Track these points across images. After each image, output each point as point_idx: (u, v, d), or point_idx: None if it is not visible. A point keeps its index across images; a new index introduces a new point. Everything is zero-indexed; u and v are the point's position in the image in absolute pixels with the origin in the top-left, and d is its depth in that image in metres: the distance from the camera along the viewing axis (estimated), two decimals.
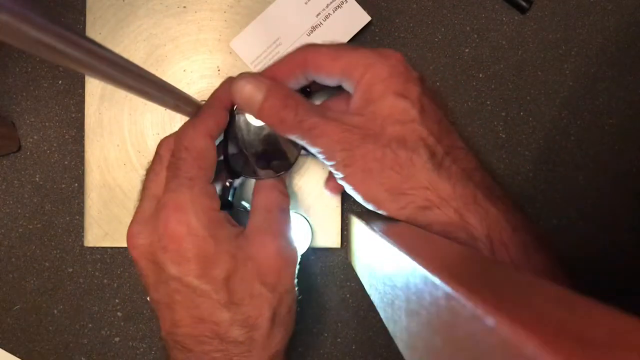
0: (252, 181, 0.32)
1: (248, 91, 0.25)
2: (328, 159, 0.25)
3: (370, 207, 0.25)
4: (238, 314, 0.24)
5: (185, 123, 0.26)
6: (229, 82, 0.27)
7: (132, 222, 0.25)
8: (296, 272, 0.27)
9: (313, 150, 0.26)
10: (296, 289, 0.27)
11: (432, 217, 0.23)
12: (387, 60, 0.25)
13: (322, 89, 0.30)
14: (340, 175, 0.25)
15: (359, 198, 0.25)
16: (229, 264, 0.24)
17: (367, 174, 0.24)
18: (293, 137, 0.26)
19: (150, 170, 0.26)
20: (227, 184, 0.30)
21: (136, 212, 0.25)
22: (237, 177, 0.30)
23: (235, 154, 0.29)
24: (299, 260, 0.27)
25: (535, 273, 0.23)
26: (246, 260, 0.24)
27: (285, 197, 0.29)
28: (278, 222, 0.27)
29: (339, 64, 0.25)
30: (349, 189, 0.25)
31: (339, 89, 0.28)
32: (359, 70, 0.25)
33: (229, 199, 0.30)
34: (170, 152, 0.25)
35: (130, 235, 0.25)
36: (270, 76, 0.26)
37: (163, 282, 0.24)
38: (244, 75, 0.26)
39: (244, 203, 0.32)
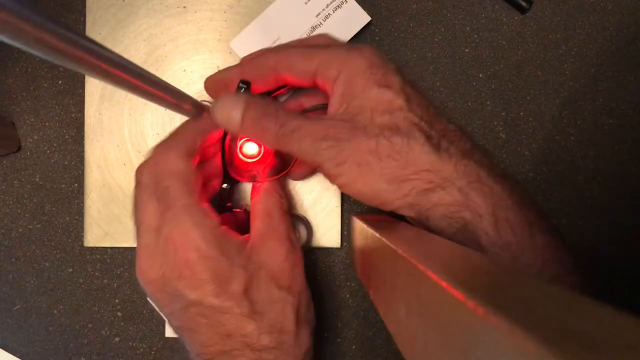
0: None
1: (226, 110, 0.25)
2: (317, 162, 0.24)
3: (372, 203, 0.24)
4: (264, 322, 0.24)
5: (160, 146, 0.26)
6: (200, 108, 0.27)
7: (138, 258, 0.25)
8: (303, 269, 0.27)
9: (301, 156, 0.25)
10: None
11: (436, 199, 0.23)
12: (361, 53, 0.24)
13: (291, 90, 0.30)
14: (336, 176, 0.24)
15: (359, 196, 0.25)
16: (243, 276, 0.24)
17: (364, 167, 0.23)
18: (278, 146, 0.25)
19: (138, 203, 0.25)
20: (224, 186, 0.30)
21: (139, 249, 0.25)
22: (236, 182, 0.30)
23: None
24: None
25: (539, 252, 0.22)
26: (258, 269, 0.25)
27: (284, 199, 0.29)
28: (280, 225, 0.27)
29: (313, 63, 0.25)
30: (348, 190, 0.25)
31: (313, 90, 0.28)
32: (335, 67, 0.24)
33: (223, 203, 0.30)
34: (152, 178, 0.25)
35: (140, 272, 0.25)
36: (241, 77, 0.26)
37: (183, 308, 0.24)
38: (220, 97, 0.26)
39: (242, 204, 0.32)
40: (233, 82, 0.27)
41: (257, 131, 0.25)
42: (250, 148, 0.29)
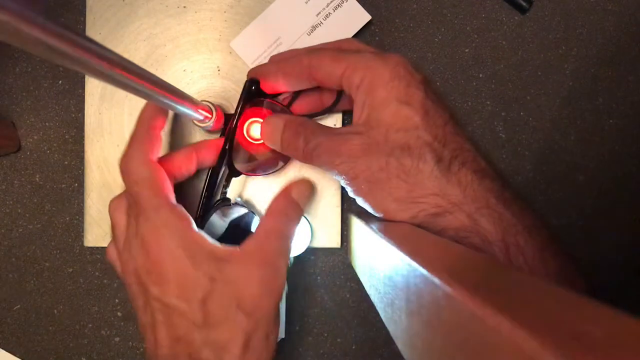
0: (253, 183, 0.32)
1: (270, 133, 0.28)
2: (334, 173, 0.25)
3: (383, 217, 0.25)
4: (211, 336, 0.24)
5: (123, 157, 0.27)
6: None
7: (120, 252, 0.27)
8: (280, 303, 0.27)
9: (323, 170, 0.26)
10: (280, 318, 0.27)
11: (445, 223, 0.23)
12: (387, 63, 0.24)
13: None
14: (350, 189, 0.25)
15: (369, 209, 0.25)
16: (206, 285, 0.24)
17: (374, 184, 0.24)
18: (305, 162, 0.27)
19: (115, 205, 0.27)
20: (205, 196, 0.30)
21: (123, 245, 0.27)
22: (238, 175, 0.30)
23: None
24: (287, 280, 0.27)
25: (552, 278, 0.22)
26: (226, 283, 0.24)
27: (292, 224, 0.28)
28: (271, 250, 0.26)
29: (340, 67, 0.25)
30: (362, 202, 0.25)
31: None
32: (359, 73, 0.25)
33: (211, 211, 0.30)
34: (125, 186, 0.26)
35: (119, 262, 0.27)
36: (278, 73, 0.27)
37: (146, 302, 0.25)
38: (267, 119, 0.28)
39: (238, 199, 0.32)
40: (272, 75, 0.28)
41: (291, 151, 0.27)
42: (256, 130, 0.30)
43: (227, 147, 0.30)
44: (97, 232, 0.33)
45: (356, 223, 0.27)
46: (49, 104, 0.35)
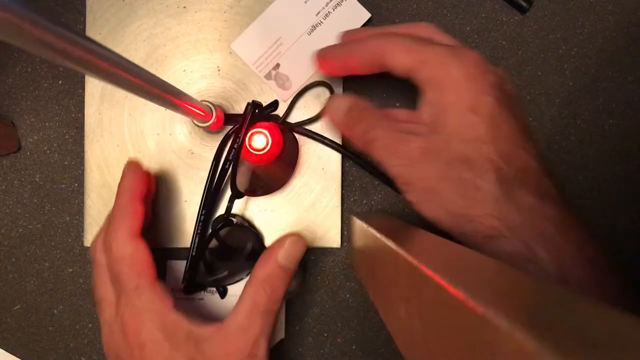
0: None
1: (336, 106, 0.27)
2: (388, 172, 0.24)
3: (433, 225, 0.24)
4: None
5: (106, 227, 0.26)
6: (131, 169, 0.28)
7: (102, 332, 0.27)
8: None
9: (377, 163, 0.25)
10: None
11: (497, 247, 0.22)
12: (461, 61, 0.23)
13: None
14: (403, 192, 0.24)
15: (422, 216, 0.24)
16: None
17: (428, 193, 0.23)
18: (360, 148, 0.26)
19: (97, 281, 0.27)
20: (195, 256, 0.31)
21: (102, 324, 0.27)
22: (241, 196, 0.31)
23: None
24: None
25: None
26: None
27: (279, 294, 0.27)
28: (252, 330, 0.25)
29: (411, 57, 0.24)
30: (414, 207, 0.24)
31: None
32: (430, 67, 0.23)
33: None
34: (106, 261, 0.26)
35: (104, 343, 0.27)
36: (346, 56, 0.27)
37: None
38: (336, 96, 0.28)
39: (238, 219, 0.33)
40: (335, 61, 0.28)
41: (349, 134, 0.26)
42: (258, 142, 0.30)
43: (227, 167, 0.31)
44: (97, 232, 0.33)
45: (356, 223, 0.27)
46: (49, 104, 0.35)
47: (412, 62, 0.24)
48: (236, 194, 0.31)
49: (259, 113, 0.30)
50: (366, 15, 0.32)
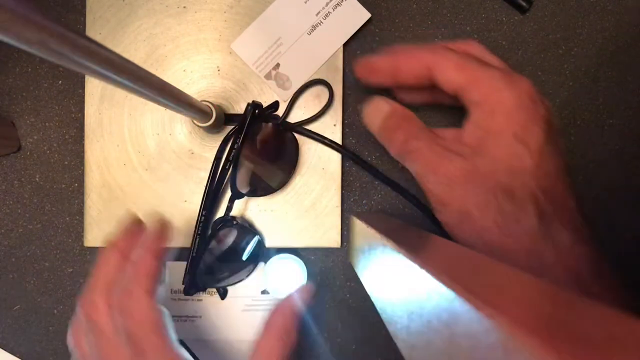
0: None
1: (372, 113, 0.26)
2: (422, 187, 0.24)
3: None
4: None
5: (124, 292, 0.25)
6: (159, 227, 0.27)
7: None
8: None
9: (413, 175, 0.25)
10: None
11: None
12: (514, 88, 0.22)
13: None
14: (436, 211, 0.24)
15: (453, 237, 0.23)
16: None
17: (464, 217, 0.22)
18: (396, 158, 0.26)
19: (105, 345, 0.25)
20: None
21: None
22: (241, 197, 0.31)
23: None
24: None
25: None
26: None
27: (290, 343, 0.27)
28: None
29: (463, 75, 0.23)
30: (445, 228, 0.24)
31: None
32: (482, 90, 0.23)
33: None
34: (108, 316, 0.24)
35: None
36: (395, 66, 0.26)
37: None
38: (373, 99, 0.27)
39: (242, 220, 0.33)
40: (381, 70, 0.27)
41: (386, 141, 0.26)
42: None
43: (227, 167, 0.31)
44: (97, 232, 0.33)
45: (356, 223, 0.27)
46: (49, 104, 0.35)
47: (464, 81, 0.23)
48: (236, 195, 0.31)
49: (259, 114, 0.30)
50: (366, 15, 0.32)
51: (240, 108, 0.33)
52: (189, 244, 0.32)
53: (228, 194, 0.32)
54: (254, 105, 0.30)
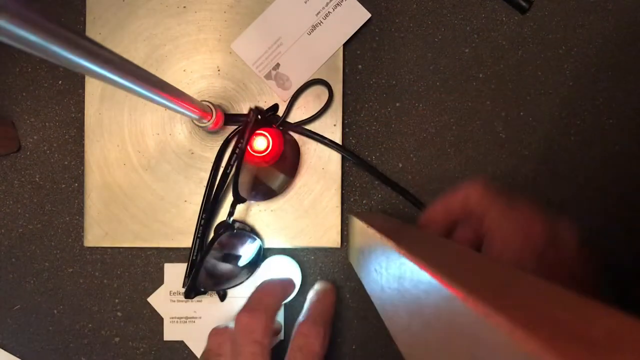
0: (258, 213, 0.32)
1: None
2: None
3: None
4: None
5: (251, 311, 0.28)
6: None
7: None
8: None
9: None
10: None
11: None
12: (514, 214, 0.24)
13: None
14: None
15: None
16: None
17: None
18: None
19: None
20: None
21: None
22: (243, 201, 0.31)
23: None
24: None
25: None
26: None
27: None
28: None
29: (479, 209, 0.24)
30: None
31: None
32: (488, 220, 0.24)
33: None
34: (267, 339, 0.28)
35: None
36: (440, 216, 0.26)
37: None
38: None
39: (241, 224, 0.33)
40: (439, 217, 0.27)
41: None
42: (259, 144, 0.30)
43: (229, 171, 0.30)
44: (97, 232, 0.33)
45: (356, 222, 0.27)
46: (49, 104, 0.35)
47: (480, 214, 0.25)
48: (238, 200, 0.31)
49: (262, 119, 0.30)
50: (366, 15, 0.32)
51: (240, 108, 0.33)
52: (188, 243, 0.32)
53: (229, 196, 0.32)
54: (257, 111, 0.30)
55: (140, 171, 0.33)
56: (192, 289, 0.31)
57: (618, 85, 0.33)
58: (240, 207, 0.33)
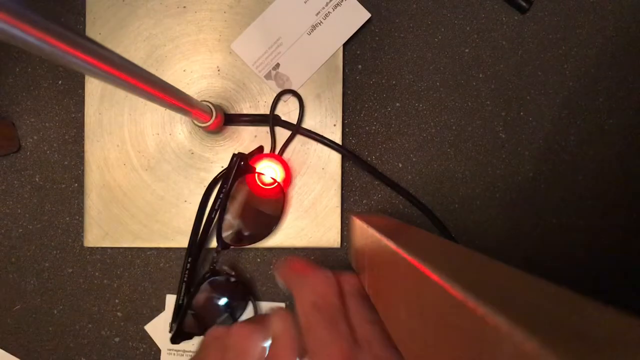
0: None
1: None
2: None
3: None
4: None
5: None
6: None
7: None
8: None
9: None
10: None
11: None
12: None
13: None
14: None
15: None
16: None
17: None
18: None
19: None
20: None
21: None
22: (227, 248, 0.31)
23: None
24: None
25: None
26: None
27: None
28: None
29: None
30: None
31: None
32: None
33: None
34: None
35: None
36: None
37: None
38: None
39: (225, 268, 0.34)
40: None
41: None
42: (266, 178, 0.31)
43: (214, 216, 0.31)
44: (97, 232, 0.33)
45: (356, 223, 0.27)
46: (49, 104, 0.35)
47: None
48: (222, 246, 0.31)
49: (244, 165, 0.30)
50: (366, 15, 0.32)
51: (240, 108, 0.33)
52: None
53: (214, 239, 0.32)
54: (239, 157, 0.30)
55: (140, 171, 0.33)
56: (179, 334, 0.31)
57: (618, 85, 0.33)
58: None
